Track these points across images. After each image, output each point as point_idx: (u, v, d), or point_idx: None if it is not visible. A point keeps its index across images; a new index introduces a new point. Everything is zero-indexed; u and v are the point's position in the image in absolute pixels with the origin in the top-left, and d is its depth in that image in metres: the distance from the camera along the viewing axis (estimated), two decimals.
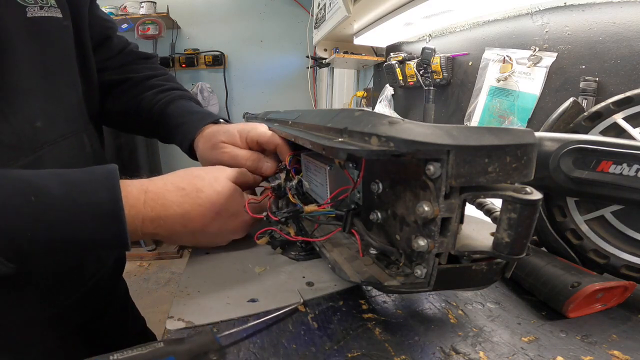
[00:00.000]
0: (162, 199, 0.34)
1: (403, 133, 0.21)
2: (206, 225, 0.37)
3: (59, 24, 0.43)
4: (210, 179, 0.38)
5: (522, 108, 0.87)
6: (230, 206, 0.38)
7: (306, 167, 0.48)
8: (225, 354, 0.27)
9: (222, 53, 2.78)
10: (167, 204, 0.34)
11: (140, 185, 0.34)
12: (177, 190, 0.35)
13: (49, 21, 0.42)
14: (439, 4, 0.92)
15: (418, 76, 1.18)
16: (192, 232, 0.36)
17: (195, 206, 0.35)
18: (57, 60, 0.44)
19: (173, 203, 0.34)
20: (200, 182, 0.37)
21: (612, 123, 0.36)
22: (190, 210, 0.35)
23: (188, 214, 0.35)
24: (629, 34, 0.63)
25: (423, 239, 0.23)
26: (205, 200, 0.36)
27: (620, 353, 0.27)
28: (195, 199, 0.35)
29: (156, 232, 0.34)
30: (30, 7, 0.40)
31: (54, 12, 0.42)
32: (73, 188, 0.29)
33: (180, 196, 0.35)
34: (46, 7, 0.41)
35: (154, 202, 0.34)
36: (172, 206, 0.34)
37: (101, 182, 0.31)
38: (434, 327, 0.30)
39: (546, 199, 0.39)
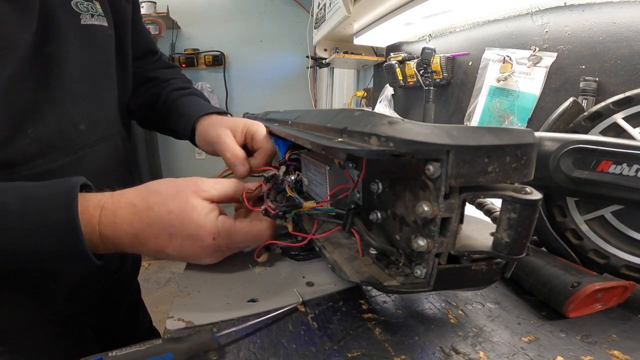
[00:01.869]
0: (113, 217, 0.31)
1: (403, 133, 0.21)
2: (162, 247, 0.32)
3: (104, 32, 0.46)
4: (168, 195, 0.33)
5: (522, 108, 0.87)
6: (185, 227, 0.32)
7: (306, 166, 0.48)
8: (225, 354, 0.27)
9: (222, 53, 2.78)
10: (117, 223, 0.31)
11: (98, 202, 0.32)
12: (129, 207, 0.32)
13: (97, 29, 0.44)
14: (439, 4, 0.92)
15: (418, 76, 1.18)
16: (151, 250, 0.33)
17: (144, 226, 0.32)
18: (102, 67, 0.47)
19: (123, 222, 0.31)
20: (154, 198, 0.33)
21: (612, 123, 0.36)
22: (140, 231, 0.31)
23: (138, 235, 0.32)
24: (629, 34, 0.63)
25: (423, 239, 0.23)
26: (155, 219, 0.32)
27: (620, 353, 0.27)
28: (143, 218, 0.32)
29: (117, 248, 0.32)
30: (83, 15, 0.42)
31: (102, 21, 0.45)
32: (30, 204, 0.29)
33: (131, 214, 0.32)
34: (95, 16, 0.44)
35: (107, 220, 0.31)
36: (122, 226, 0.31)
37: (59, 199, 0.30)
38: (434, 327, 0.30)
39: (546, 199, 0.39)
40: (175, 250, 0.33)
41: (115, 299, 0.55)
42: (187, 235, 0.32)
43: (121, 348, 0.24)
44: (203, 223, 0.33)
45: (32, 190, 0.30)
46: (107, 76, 0.49)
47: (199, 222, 0.33)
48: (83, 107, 0.43)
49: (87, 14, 0.43)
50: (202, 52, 2.76)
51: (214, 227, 0.33)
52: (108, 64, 0.49)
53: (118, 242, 0.32)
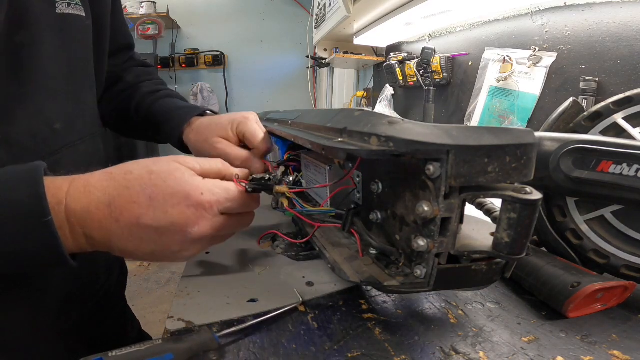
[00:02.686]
0: (86, 185, 0.27)
1: (403, 133, 0.21)
2: (141, 216, 0.27)
3: (82, 23, 0.42)
4: (148, 162, 0.30)
5: (522, 108, 0.87)
6: (167, 185, 0.28)
7: (306, 167, 0.48)
8: (225, 353, 0.27)
9: (222, 53, 2.78)
10: (90, 191, 0.27)
11: (67, 177, 0.28)
12: (103, 174, 0.29)
13: (74, 19, 0.40)
14: (439, 4, 0.92)
15: (418, 76, 1.18)
16: (127, 226, 0.27)
17: (121, 189, 0.27)
18: (79, 61, 0.42)
19: (96, 189, 0.27)
20: (133, 165, 0.30)
21: (612, 123, 0.36)
22: (117, 195, 0.27)
23: (114, 201, 0.27)
24: (629, 34, 0.63)
25: (423, 239, 0.23)
26: (133, 181, 0.28)
27: (620, 353, 0.27)
28: (120, 182, 0.28)
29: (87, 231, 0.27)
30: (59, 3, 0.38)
31: (79, 10, 0.41)
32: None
33: (106, 180, 0.28)
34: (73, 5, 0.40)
35: (77, 191, 0.27)
36: (95, 192, 0.27)
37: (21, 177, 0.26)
38: (434, 327, 0.30)
39: (546, 199, 0.39)
40: (157, 216, 0.27)
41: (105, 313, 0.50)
42: (170, 193, 0.28)
43: (121, 348, 0.24)
44: (189, 179, 0.29)
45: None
46: (85, 71, 0.44)
47: (184, 178, 0.29)
48: (59, 105, 0.39)
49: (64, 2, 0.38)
50: (202, 52, 2.76)
51: (200, 183, 0.30)
52: (86, 59, 0.44)
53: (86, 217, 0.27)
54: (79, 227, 0.27)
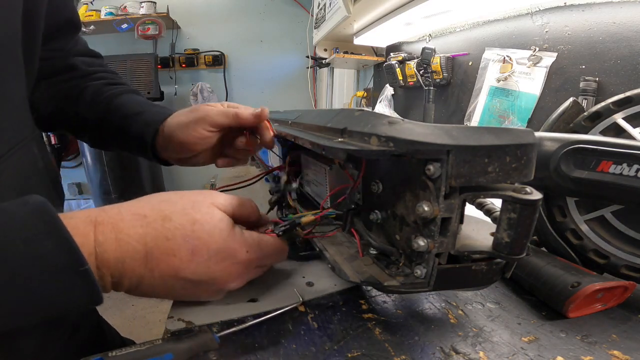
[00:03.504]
0: (117, 233, 0.24)
1: (403, 133, 0.21)
2: (180, 270, 0.26)
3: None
4: (185, 204, 0.27)
5: (522, 108, 0.87)
6: (213, 240, 0.27)
7: (306, 167, 0.48)
8: (225, 353, 0.27)
9: (222, 53, 2.78)
10: (124, 240, 0.24)
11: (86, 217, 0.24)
12: (136, 219, 0.25)
13: None
14: (439, 4, 0.92)
15: (418, 76, 1.18)
16: (162, 279, 0.26)
17: (160, 240, 0.25)
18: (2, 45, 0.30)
19: (131, 238, 0.24)
20: (169, 207, 0.27)
21: (612, 123, 0.36)
22: (154, 247, 0.25)
23: (152, 252, 0.25)
24: (629, 34, 0.63)
25: (423, 239, 0.23)
26: (175, 232, 0.25)
27: (620, 353, 0.27)
28: (160, 230, 0.25)
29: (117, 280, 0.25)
30: None
31: None
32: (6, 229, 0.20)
33: (141, 227, 0.25)
34: None
35: (108, 239, 0.24)
36: (130, 242, 0.24)
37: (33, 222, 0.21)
38: (434, 327, 0.30)
39: (546, 199, 0.39)
40: (198, 271, 0.26)
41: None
42: (215, 249, 0.26)
43: (121, 348, 0.24)
44: (234, 234, 0.28)
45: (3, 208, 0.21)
46: (9, 57, 0.32)
47: (230, 233, 0.27)
48: None
49: None
50: (202, 52, 2.76)
51: (245, 239, 0.29)
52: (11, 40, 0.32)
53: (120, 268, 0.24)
54: (109, 274, 0.24)
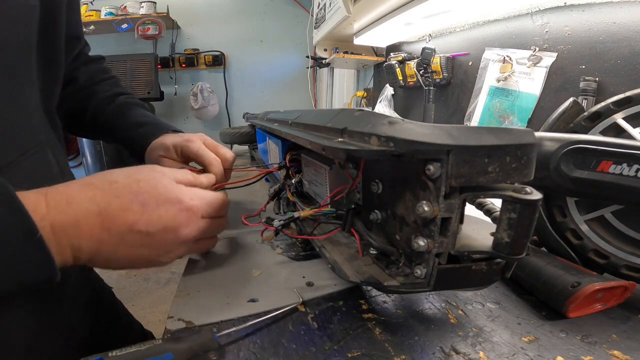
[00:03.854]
0: (67, 197, 0.26)
1: (403, 133, 0.21)
2: (134, 222, 0.28)
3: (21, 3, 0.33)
4: (127, 171, 0.30)
5: (522, 108, 0.87)
6: (158, 192, 0.29)
7: (306, 167, 0.48)
8: (225, 353, 0.27)
9: (222, 53, 2.78)
10: (74, 202, 0.26)
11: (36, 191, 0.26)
12: (82, 185, 0.27)
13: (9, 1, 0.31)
14: (439, 4, 0.92)
15: (418, 76, 1.18)
16: (120, 233, 0.27)
17: (110, 198, 0.27)
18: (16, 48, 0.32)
19: (82, 200, 0.26)
20: (114, 174, 0.30)
21: (612, 123, 0.36)
22: (107, 205, 0.27)
23: (105, 210, 0.27)
24: (629, 34, 0.63)
25: (423, 239, 0.23)
26: (123, 190, 0.28)
27: (620, 353, 0.27)
28: (108, 191, 0.27)
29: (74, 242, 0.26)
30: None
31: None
32: None
33: (89, 190, 0.27)
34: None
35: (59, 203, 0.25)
36: (81, 203, 0.26)
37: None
38: (434, 327, 0.30)
39: (546, 199, 0.39)
40: (151, 220, 0.28)
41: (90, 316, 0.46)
42: (163, 199, 0.29)
43: (121, 348, 0.24)
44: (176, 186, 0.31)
45: None
46: (25, 62, 0.34)
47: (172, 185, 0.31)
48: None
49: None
50: (202, 52, 2.76)
51: (188, 190, 0.32)
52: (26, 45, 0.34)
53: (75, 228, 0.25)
54: (66, 239, 0.25)
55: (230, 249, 0.46)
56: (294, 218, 0.37)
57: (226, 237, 0.50)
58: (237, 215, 0.56)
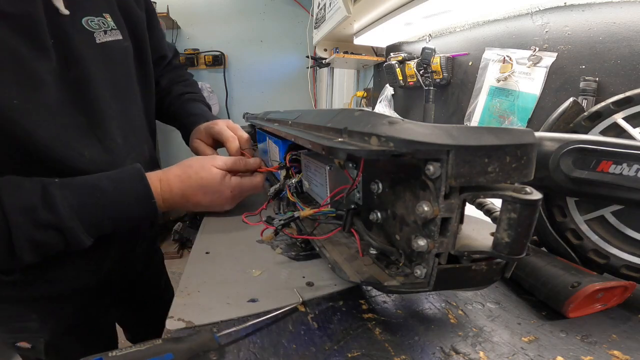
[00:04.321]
0: (169, 185, 0.47)
1: (403, 133, 0.21)
2: (199, 201, 0.50)
3: (120, 46, 0.50)
4: (197, 167, 0.50)
5: (522, 108, 0.87)
6: (212, 186, 0.50)
7: (306, 167, 0.48)
8: (225, 353, 0.27)
9: (222, 53, 2.78)
10: (172, 189, 0.48)
11: (156, 177, 0.47)
12: (177, 178, 0.48)
13: (113, 45, 0.49)
14: (439, 4, 0.92)
15: (418, 76, 1.18)
16: (192, 204, 0.50)
17: (187, 188, 0.48)
18: (122, 81, 0.52)
19: (175, 187, 0.48)
20: (190, 170, 0.49)
21: (612, 123, 0.36)
22: (185, 190, 0.48)
23: (185, 193, 0.48)
24: (629, 34, 0.63)
25: (423, 239, 0.23)
26: (194, 183, 0.49)
27: (621, 353, 0.27)
28: (186, 182, 0.48)
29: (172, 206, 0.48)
30: (96, 32, 0.46)
31: (116, 35, 0.49)
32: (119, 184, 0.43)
33: (179, 181, 0.48)
34: (109, 31, 0.48)
35: (165, 187, 0.47)
36: (175, 189, 0.48)
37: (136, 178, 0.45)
38: (434, 327, 0.30)
39: (546, 199, 0.39)
40: (207, 200, 0.50)
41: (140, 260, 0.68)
42: (214, 190, 0.50)
43: (121, 348, 0.24)
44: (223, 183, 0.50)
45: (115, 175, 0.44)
46: (129, 89, 0.55)
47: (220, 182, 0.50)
48: (117, 124, 0.50)
49: (100, 30, 0.47)
50: (202, 52, 2.76)
51: (230, 185, 0.51)
52: (129, 76, 0.54)
53: (172, 200, 0.48)
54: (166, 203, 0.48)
55: (231, 249, 0.46)
56: (294, 218, 0.38)
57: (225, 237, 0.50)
58: (238, 215, 0.56)
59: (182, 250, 2.37)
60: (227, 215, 0.56)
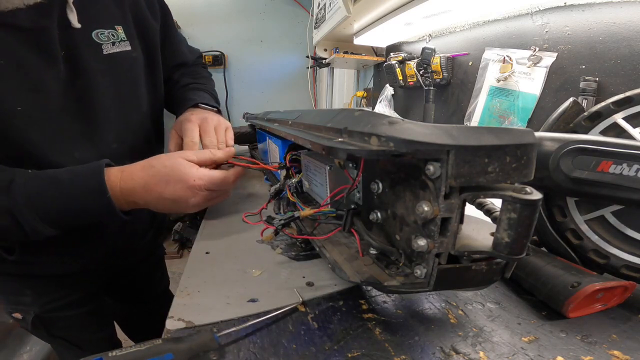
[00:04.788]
0: (131, 176, 0.45)
1: (403, 133, 0.21)
2: (161, 192, 0.45)
3: (128, 57, 0.52)
4: (164, 158, 0.47)
5: (522, 108, 0.87)
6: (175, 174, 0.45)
7: (306, 167, 0.48)
8: (225, 354, 0.27)
9: (222, 53, 2.78)
10: (134, 178, 0.44)
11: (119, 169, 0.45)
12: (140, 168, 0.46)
13: (120, 56, 0.51)
14: (439, 4, 0.92)
15: (418, 76, 1.18)
16: (155, 198, 0.45)
17: (149, 177, 0.45)
18: (127, 89, 0.54)
19: (137, 177, 0.45)
20: (155, 160, 0.46)
21: (612, 123, 0.36)
22: (148, 180, 0.45)
23: (147, 184, 0.45)
24: (629, 34, 0.63)
25: (423, 239, 0.23)
26: (156, 172, 0.45)
27: (621, 353, 0.27)
28: (149, 172, 0.45)
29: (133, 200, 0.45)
30: (104, 44, 0.48)
31: (124, 46, 0.51)
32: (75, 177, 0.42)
33: (141, 171, 0.45)
34: (117, 43, 0.50)
35: (127, 177, 0.44)
36: (136, 179, 0.45)
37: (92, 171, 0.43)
38: (434, 327, 0.30)
39: (546, 199, 0.39)
40: (170, 192, 0.45)
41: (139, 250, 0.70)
42: (177, 179, 0.45)
43: (121, 348, 0.24)
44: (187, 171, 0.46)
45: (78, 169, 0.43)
46: (133, 96, 0.56)
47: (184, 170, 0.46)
48: (114, 131, 0.51)
49: (108, 42, 0.49)
50: (202, 52, 2.76)
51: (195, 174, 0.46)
52: (134, 84, 0.56)
53: (132, 192, 0.44)
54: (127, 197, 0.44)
55: (231, 249, 0.46)
56: (294, 217, 0.38)
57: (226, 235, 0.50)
58: (238, 214, 0.56)
59: (182, 250, 2.37)
60: (227, 215, 0.56)
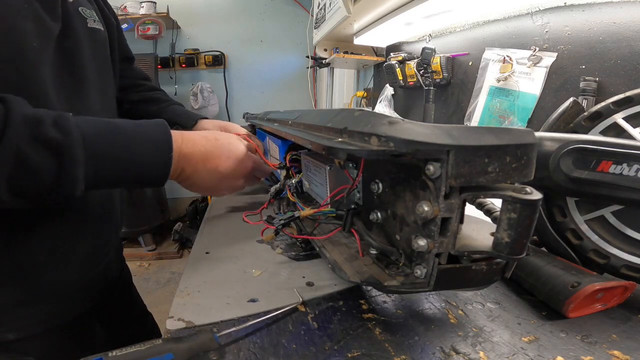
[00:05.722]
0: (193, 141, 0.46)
1: (403, 133, 0.21)
2: (218, 166, 0.47)
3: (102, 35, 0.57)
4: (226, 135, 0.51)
5: (522, 108, 0.87)
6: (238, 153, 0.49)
7: (306, 167, 0.48)
8: (225, 354, 0.27)
9: (222, 53, 2.78)
10: (196, 144, 0.46)
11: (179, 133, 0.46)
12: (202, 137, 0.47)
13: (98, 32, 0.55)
14: (439, 4, 0.92)
15: (418, 76, 1.18)
16: (209, 169, 0.46)
17: (213, 147, 0.47)
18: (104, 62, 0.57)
19: (199, 144, 0.46)
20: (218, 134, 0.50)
21: (612, 123, 0.36)
22: (210, 150, 0.47)
23: (209, 153, 0.46)
24: (629, 34, 0.63)
25: (423, 239, 0.23)
26: (220, 145, 0.48)
27: (621, 353, 0.27)
28: (213, 143, 0.47)
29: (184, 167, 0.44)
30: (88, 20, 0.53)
31: (99, 25, 0.56)
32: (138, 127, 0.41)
33: (205, 140, 0.47)
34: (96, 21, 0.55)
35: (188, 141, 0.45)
36: (198, 146, 0.46)
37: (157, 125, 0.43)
38: (434, 327, 0.30)
39: (546, 199, 0.39)
40: (228, 167, 0.47)
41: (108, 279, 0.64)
42: (236, 156, 0.49)
43: (121, 348, 0.24)
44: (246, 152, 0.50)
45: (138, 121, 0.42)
46: (108, 70, 0.59)
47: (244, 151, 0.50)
48: (96, 96, 0.53)
49: (91, 19, 0.53)
50: (202, 52, 2.76)
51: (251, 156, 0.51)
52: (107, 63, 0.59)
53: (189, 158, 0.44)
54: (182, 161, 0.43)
55: (231, 249, 0.46)
56: (294, 217, 0.38)
57: (227, 234, 0.50)
58: (238, 214, 0.56)
59: (182, 250, 2.37)
60: (227, 215, 0.56)
